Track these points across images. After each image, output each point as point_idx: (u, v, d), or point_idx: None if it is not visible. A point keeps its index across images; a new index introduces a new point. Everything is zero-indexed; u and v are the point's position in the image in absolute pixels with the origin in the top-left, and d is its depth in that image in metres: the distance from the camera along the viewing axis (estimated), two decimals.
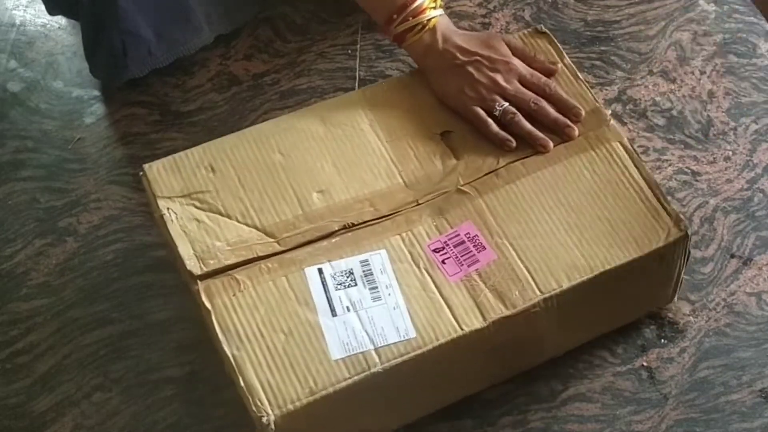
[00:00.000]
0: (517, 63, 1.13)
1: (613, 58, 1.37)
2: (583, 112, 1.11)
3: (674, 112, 1.32)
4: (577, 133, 1.10)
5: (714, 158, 1.28)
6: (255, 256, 1.01)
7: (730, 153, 1.28)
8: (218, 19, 1.36)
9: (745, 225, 1.22)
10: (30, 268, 1.22)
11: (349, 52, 1.39)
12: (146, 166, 1.09)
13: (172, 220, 1.04)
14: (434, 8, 1.13)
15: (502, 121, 1.10)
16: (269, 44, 1.41)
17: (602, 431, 1.08)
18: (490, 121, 1.10)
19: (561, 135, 1.10)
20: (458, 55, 1.12)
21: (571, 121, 1.10)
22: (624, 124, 1.30)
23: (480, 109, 1.11)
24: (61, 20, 1.45)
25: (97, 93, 1.38)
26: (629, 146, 1.09)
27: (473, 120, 1.11)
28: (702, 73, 1.35)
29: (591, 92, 1.14)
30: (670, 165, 1.27)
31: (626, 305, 1.11)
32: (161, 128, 1.33)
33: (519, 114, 1.10)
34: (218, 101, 1.36)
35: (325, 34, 1.41)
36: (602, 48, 1.38)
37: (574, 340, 1.11)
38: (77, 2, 1.30)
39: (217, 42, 1.39)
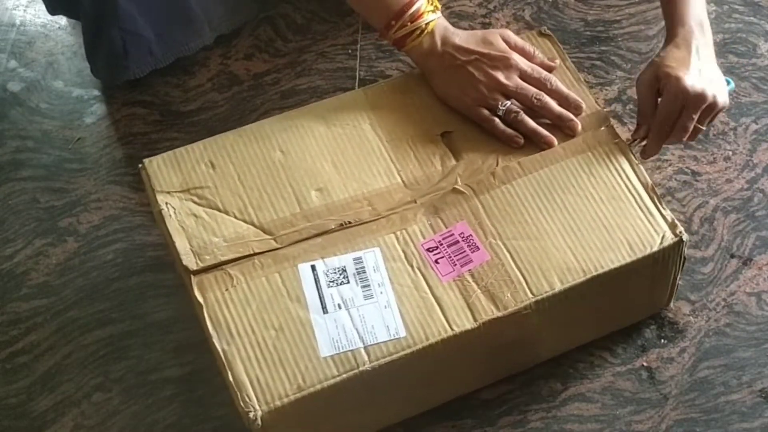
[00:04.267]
0: (516, 58, 1.12)
1: (613, 58, 1.37)
2: (584, 105, 1.11)
3: None
4: (580, 127, 1.10)
5: (714, 158, 1.28)
6: (251, 252, 1.02)
7: (730, 153, 1.28)
8: (219, 19, 1.36)
9: (745, 225, 1.22)
10: (30, 268, 1.22)
11: (350, 51, 1.39)
12: (146, 160, 1.09)
13: (170, 215, 1.04)
14: (431, 12, 1.13)
15: (506, 121, 1.10)
16: (270, 44, 1.41)
17: (602, 431, 1.08)
18: (496, 120, 1.10)
19: (564, 129, 1.10)
20: (457, 55, 1.12)
21: (572, 114, 1.10)
22: (624, 124, 1.30)
23: (484, 109, 1.11)
24: (61, 20, 1.45)
25: (97, 93, 1.38)
26: (627, 148, 1.09)
27: (478, 120, 1.11)
28: None
29: (591, 95, 1.13)
30: (670, 165, 1.27)
31: (621, 309, 1.11)
32: (161, 128, 1.33)
33: (522, 112, 1.10)
34: (219, 101, 1.36)
35: (325, 34, 1.41)
36: (602, 48, 1.38)
37: (570, 342, 1.11)
38: (78, 2, 1.30)
39: (217, 41, 1.39)
